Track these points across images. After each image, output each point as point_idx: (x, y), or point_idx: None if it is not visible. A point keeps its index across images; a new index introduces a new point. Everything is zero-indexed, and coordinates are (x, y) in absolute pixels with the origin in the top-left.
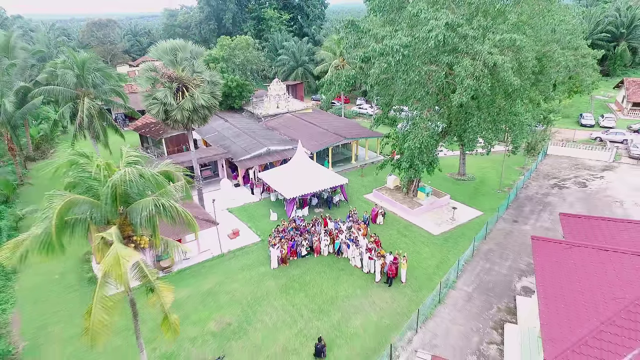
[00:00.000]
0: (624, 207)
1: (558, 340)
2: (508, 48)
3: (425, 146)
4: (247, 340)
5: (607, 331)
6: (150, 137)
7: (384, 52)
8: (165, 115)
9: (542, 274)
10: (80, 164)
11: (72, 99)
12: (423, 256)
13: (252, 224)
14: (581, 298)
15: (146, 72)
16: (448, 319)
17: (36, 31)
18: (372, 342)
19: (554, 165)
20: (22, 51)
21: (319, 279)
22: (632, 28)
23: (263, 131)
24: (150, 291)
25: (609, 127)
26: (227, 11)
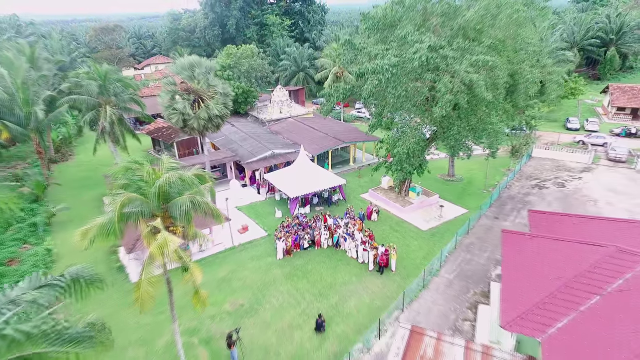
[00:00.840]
0: (597, 205)
1: (511, 311)
2: (482, 67)
3: (412, 152)
4: (257, 318)
5: (550, 302)
6: (162, 140)
7: (376, 71)
8: (184, 123)
9: (507, 260)
10: (132, 169)
11: (94, 107)
12: (412, 249)
13: (259, 221)
14: (534, 278)
15: (167, 85)
16: (430, 301)
17: (48, 37)
18: (365, 319)
19: (537, 167)
20: (45, 61)
21: (319, 267)
22: (621, 34)
23: (267, 135)
24: (185, 270)
25: (592, 131)
26: (231, 17)
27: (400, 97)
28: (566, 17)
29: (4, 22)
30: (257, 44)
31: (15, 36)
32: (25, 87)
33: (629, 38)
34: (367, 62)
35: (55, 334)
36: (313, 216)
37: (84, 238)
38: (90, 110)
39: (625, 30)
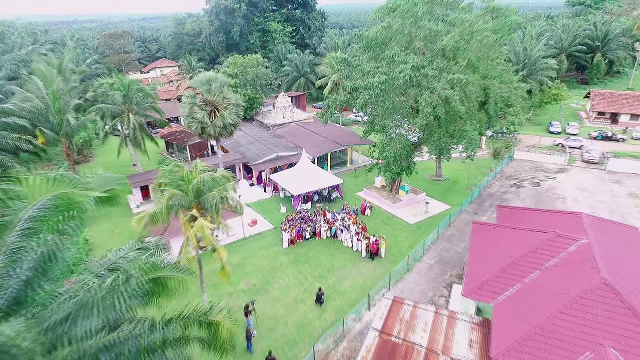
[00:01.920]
0: (565, 202)
1: (472, 283)
2: (457, 84)
3: (398, 155)
4: (268, 295)
5: (501, 276)
6: (176, 143)
7: (367, 87)
8: (202, 130)
9: (473, 245)
10: (174, 171)
11: (118, 114)
12: (400, 239)
13: (266, 215)
14: (491, 258)
15: (188, 98)
16: (413, 282)
17: (61, 44)
18: (357, 296)
19: (517, 168)
20: (71, 72)
21: (319, 255)
22: (606, 41)
23: (272, 139)
24: (213, 251)
25: (572, 134)
26: (235, 25)
27: (388, 109)
28: (557, 24)
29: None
30: (260, 50)
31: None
32: (58, 96)
33: (613, 45)
34: (360, 78)
35: (164, 266)
36: (314, 211)
37: (139, 224)
38: (114, 118)
39: (611, 38)
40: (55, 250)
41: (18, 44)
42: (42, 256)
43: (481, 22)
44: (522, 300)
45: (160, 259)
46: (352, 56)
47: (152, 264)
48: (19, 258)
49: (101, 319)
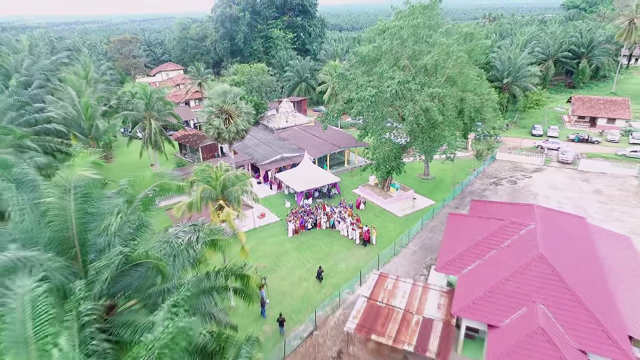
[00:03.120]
0: (536, 198)
1: (442, 260)
2: (436, 97)
3: (387, 157)
4: (276, 274)
5: (465, 255)
6: (189, 145)
7: (360, 99)
8: (218, 135)
9: (447, 231)
10: (205, 170)
11: (140, 120)
12: (389, 230)
13: (273, 209)
14: (460, 241)
15: (206, 107)
16: (398, 264)
17: (73, 49)
18: (351, 275)
19: (498, 168)
20: (95, 81)
21: (320, 242)
22: (591, 47)
23: (277, 141)
24: (234, 235)
25: (553, 137)
26: (239, 32)
27: (378, 118)
28: (548, 29)
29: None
30: (263, 56)
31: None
32: (89, 105)
33: (597, 51)
34: (355, 90)
35: (216, 232)
36: (315, 206)
37: (178, 211)
38: (137, 123)
39: (595, 44)
40: (145, 220)
41: (43, 54)
42: (140, 222)
43: (455, 45)
44: (479, 272)
45: (214, 228)
46: (348, 67)
47: (210, 230)
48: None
49: (180, 264)
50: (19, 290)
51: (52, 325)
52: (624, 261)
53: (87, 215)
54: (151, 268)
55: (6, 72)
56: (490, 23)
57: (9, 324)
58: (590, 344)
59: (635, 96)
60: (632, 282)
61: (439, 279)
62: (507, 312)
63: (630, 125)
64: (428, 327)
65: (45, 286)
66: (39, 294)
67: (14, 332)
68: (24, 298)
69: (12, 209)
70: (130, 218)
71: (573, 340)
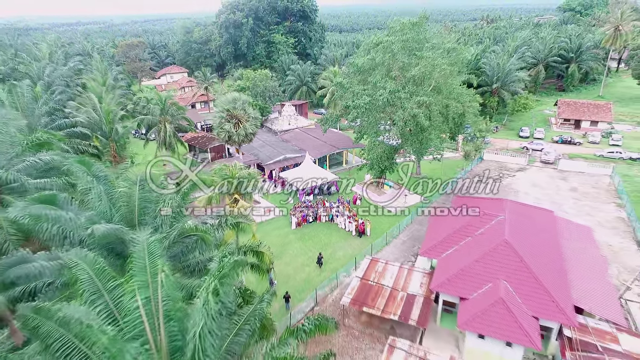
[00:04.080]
0: (517, 195)
1: (425, 246)
2: (423, 104)
3: (380, 157)
4: (281, 261)
5: (444, 241)
6: (198, 147)
7: (355, 106)
8: (228, 138)
9: (431, 222)
10: (223, 169)
11: (155, 124)
12: (382, 223)
13: (277, 205)
14: (441, 230)
15: (219, 113)
16: (389, 252)
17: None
18: (348, 261)
19: (485, 167)
20: (113, 87)
21: (320, 234)
22: (579, 52)
23: (280, 143)
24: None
25: (539, 139)
26: (243, 37)
27: (371, 123)
28: (541, 33)
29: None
30: (265, 60)
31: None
32: (109, 110)
33: (585, 56)
34: (351, 98)
35: (240, 216)
36: (315, 201)
37: (200, 203)
38: (153, 127)
39: (583, 50)
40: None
41: (60, 61)
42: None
43: (440, 58)
44: (455, 256)
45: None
46: (346, 76)
47: (234, 215)
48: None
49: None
50: (140, 239)
51: (159, 258)
52: (581, 247)
53: (145, 202)
54: (197, 240)
55: (31, 79)
56: (488, 25)
57: (136, 258)
58: (542, 312)
59: (622, 99)
60: (585, 264)
61: (424, 262)
62: (475, 287)
63: (613, 128)
64: (411, 301)
65: (155, 236)
66: (151, 241)
67: (139, 263)
68: (143, 243)
69: (92, 197)
70: (172, 205)
71: (528, 309)
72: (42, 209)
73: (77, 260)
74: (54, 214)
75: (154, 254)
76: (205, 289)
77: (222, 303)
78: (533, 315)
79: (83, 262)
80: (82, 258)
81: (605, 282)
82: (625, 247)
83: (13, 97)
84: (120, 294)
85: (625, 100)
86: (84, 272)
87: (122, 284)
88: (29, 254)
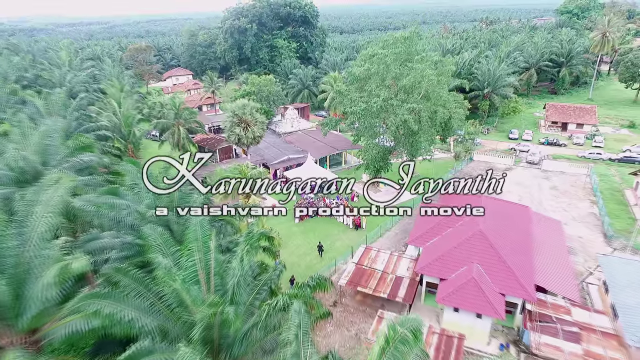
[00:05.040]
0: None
1: (413, 236)
2: (412, 111)
3: (375, 158)
4: (286, 250)
5: (429, 232)
6: (207, 148)
7: (352, 113)
8: (238, 140)
9: (419, 216)
10: (236, 168)
11: (170, 127)
12: (377, 217)
13: (281, 201)
14: (426, 223)
15: (230, 118)
16: (382, 243)
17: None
18: (345, 250)
19: (474, 167)
20: (129, 92)
21: (320, 227)
22: (569, 57)
23: (284, 144)
24: None
25: (527, 140)
26: (247, 42)
27: (367, 127)
28: (536, 37)
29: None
30: (269, 63)
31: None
32: (128, 115)
33: (575, 61)
34: (349, 105)
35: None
36: (316, 198)
37: (217, 198)
38: (167, 130)
39: (573, 55)
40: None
41: (79, 67)
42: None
43: (428, 69)
44: (437, 244)
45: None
46: (344, 84)
47: (250, 206)
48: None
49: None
50: (193, 217)
51: (207, 231)
52: (550, 237)
53: (182, 194)
54: (223, 224)
55: (53, 85)
56: (487, 27)
57: (191, 231)
58: (507, 289)
59: (610, 102)
60: (551, 252)
61: (413, 250)
62: (453, 270)
63: (597, 130)
64: (398, 282)
65: (203, 215)
66: (202, 218)
67: (193, 234)
68: (195, 219)
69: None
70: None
71: (496, 287)
72: (106, 199)
73: (150, 232)
74: (115, 202)
75: (204, 227)
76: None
77: (249, 266)
78: (500, 292)
79: (154, 233)
80: (153, 230)
81: (566, 266)
82: (593, 239)
83: (48, 104)
84: (179, 255)
85: (614, 103)
86: (154, 240)
87: (181, 249)
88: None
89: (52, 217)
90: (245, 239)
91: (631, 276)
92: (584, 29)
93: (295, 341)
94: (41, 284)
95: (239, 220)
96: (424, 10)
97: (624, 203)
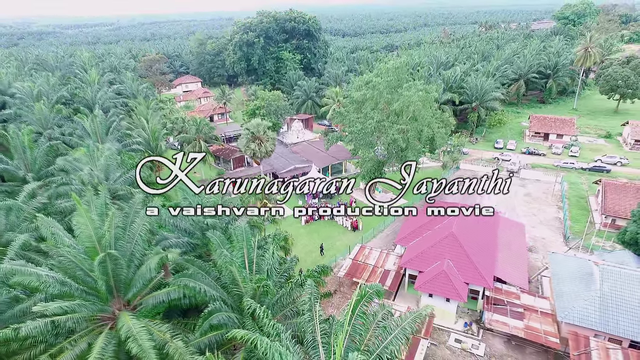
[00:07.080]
0: (481, 198)
1: (399, 237)
2: (401, 131)
3: (370, 170)
4: (294, 248)
5: (412, 233)
6: (222, 157)
7: (350, 132)
8: (253, 154)
9: (405, 220)
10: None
11: (191, 141)
12: (372, 220)
13: (289, 206)
14: (411, 226)
15: (246, 135)
16: (376, 242)
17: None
18: (344, 249)
19: (459, 175)
20: (154, 109)
21: (323, 229)
22: (556, 70)
23: (290, 154)
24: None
25: (510, 150)
26: (254, 54)
27: (362, 144)
28: (527, 48)
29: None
30: (274, 74)
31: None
32: (155, 129)
33: (561, 73)
34: (348, 124)
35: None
36: (320, 203)
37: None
38: (188, 143)
39: (559, 67)
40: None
41: (106, 84)
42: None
43: (414, 96)
44: (418, 244)
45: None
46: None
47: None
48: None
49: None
50: (239, 224)
51: (249, 233)
52: (513, 238)
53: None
54: (249, 225)
55: (87, 103)
56: (486, 31)
57: (237, 233)
58: (471, 279)
59: (593, 112)
60: (512, 250)
61: (400, 249)
62: (429, 264)
63: (576, 140)
64: (386, 274)
65: (244, 222)
66: (244, 225)
67: (239, 236)
68: (239, 223)
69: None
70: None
71: (462, 278)
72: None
73: (212, 235)
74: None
75: (246, 231)
76: (271, 249)
77: (278, 256)
78: (465, 282)
79: (214, 235)
80: (214, 234)
81: (523, 262)
82: (553, 240)
83: (93, 124)
84: (231, 250)
85: (596, 113)
86: (215, 240)
87: (233, 245)
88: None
89: (146, 225)
90: (273, 239)
91: (570, 270)
92: (579, 35)
93: (309, 301)
94: (146, 268)
95: (262, 225)
96: (425, 11)
97: (587, 209)
